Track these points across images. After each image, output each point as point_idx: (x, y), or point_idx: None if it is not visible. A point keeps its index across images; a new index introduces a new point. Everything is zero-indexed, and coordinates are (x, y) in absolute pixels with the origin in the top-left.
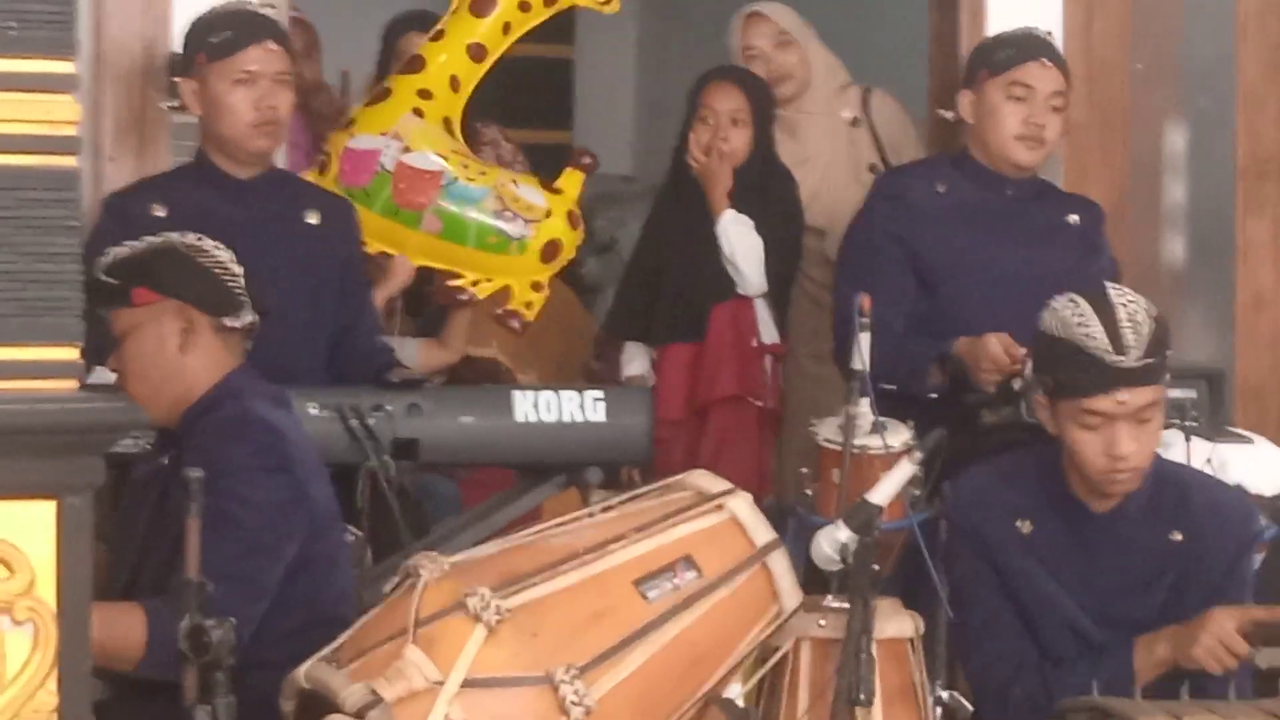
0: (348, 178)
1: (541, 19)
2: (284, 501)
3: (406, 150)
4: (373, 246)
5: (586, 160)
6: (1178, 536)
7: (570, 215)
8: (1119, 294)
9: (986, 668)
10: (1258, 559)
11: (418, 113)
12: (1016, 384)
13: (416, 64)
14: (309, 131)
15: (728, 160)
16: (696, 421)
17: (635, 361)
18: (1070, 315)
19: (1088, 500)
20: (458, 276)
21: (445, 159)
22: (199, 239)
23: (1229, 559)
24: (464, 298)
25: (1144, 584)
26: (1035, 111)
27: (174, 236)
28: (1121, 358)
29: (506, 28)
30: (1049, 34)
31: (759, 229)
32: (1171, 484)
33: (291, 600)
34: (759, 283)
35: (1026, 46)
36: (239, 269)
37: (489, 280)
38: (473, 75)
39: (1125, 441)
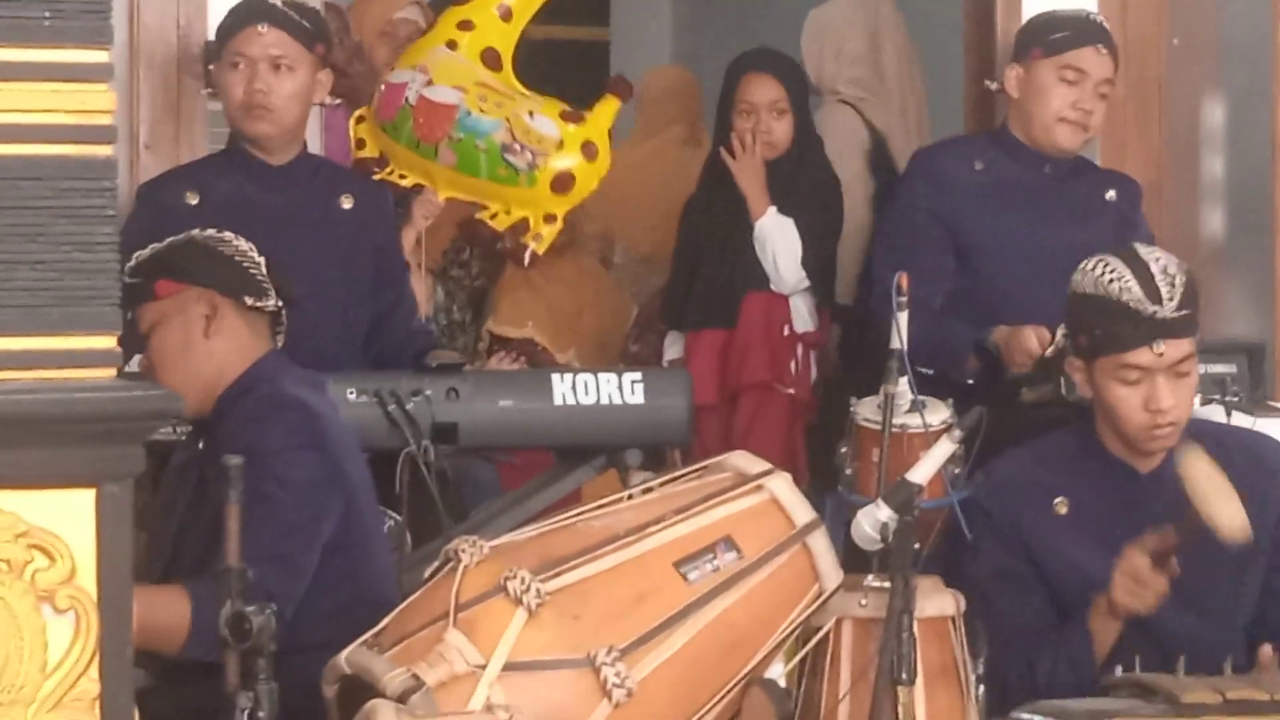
0: (380, 113)
1: None
2: (320, 480)
3: (429, 84)
4: (409, 179)
5: (624, 87)
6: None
7: (586, 146)
8: (1148, 251)
9: (998, 653)
10: None
11: (451, 45)
12: (1049, 351)
13: None
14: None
15: (760, 156)
16: (728, 407)
17: (675, 346)
18: (1103, 272)
19: (1131, 461)
20: (483, 208)
21: (465, 90)
22: (218, 231)
23: (1276, 505)
24: (527, 256)
25: (1195, 543)
26: (1084, 97)
27: (194, 231)
28: (1159, 308)
29: None
30: (1103, 20)
31: (799, 215)
32: (1206, 436)
33: (330, 580)
34: (794, 283)
35: (1084, 31)
36: (259, 258)
37: (508, 213)
38: (528, 5)
39: (1165, 395)
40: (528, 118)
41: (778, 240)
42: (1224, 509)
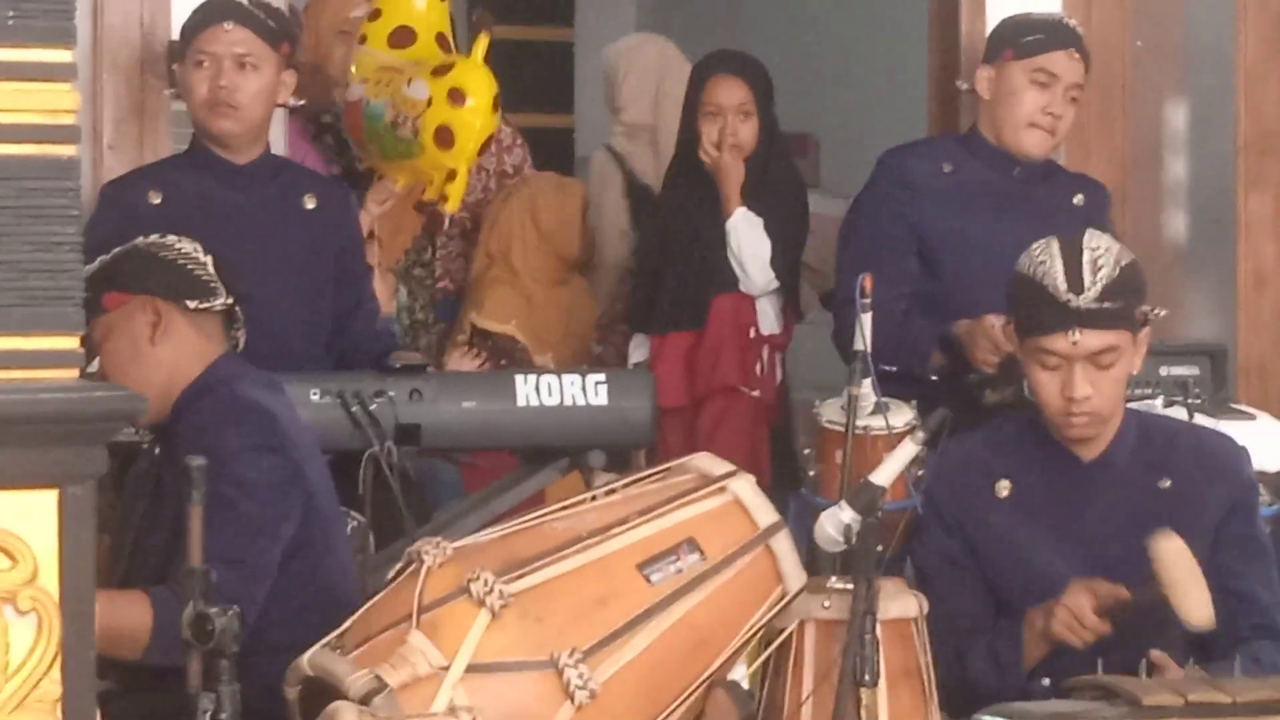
0: (352, 134)
1: None
2: (279, 481)
3: (347, 86)
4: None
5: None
6: (1166, 483)
7: (452, 93)
8: (1091, 238)
9: (938, 644)
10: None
11: (362, 40)
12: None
13: None
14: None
15: (739, 153)
16: (692, 409)
17: (640, 349)
18: (1039, 255)
19: (1073, 448)
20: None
21: (366, 80)
22: (161, 236)
23: (1222, 503)
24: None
25: (1135, 532)
26: (1054, 101)
27: (138, 240)
28: (1073, 296)
29: None
30: (1077, 24)
31: (767, 216)
32: (1159, 432)
33: (292, 581)
34: (763, 284)
35: (1057, 34)
36: (205, 257)
37: (431, 183)
38: None
39: (1080, 384)
40: (406, 88)
41: (746, 239)
42: (1192, 598)
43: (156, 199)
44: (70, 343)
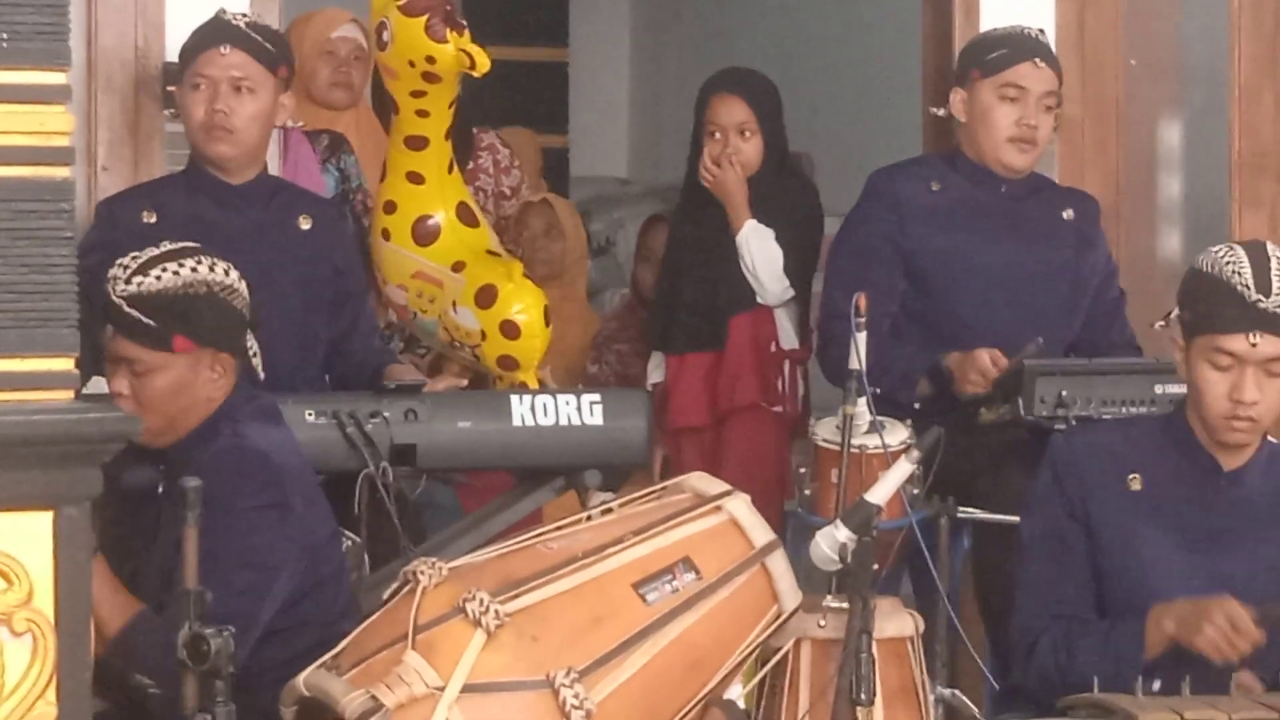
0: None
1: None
2: (280, 539)
3: (385, 282)
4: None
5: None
6: None
7: (505, 327)
8: (1275, 248)
9: (1030, 619)
10: None
11: (385, 235)
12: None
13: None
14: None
15: (740, 170)
16: (713, 428)
17: (658, 370)
18: (1223, 255)
19: (1216, 454)
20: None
21: (406, 289)
22: (226, 271)
23: None
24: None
25: (1261, 550)
26: (1028, 113)
27: (203, 270)
28: (1262, 297)
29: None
30: (1041, 31)
31: (779, 233)
32: None
33: (296, 624)
34: (779, 293)
35: (1019, 46)
36: (247, 289)
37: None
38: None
39: (1250, 388)
40: (453, 312)
41: (757, 250)
42: None
43: (151, 218)
44: (65, 364)
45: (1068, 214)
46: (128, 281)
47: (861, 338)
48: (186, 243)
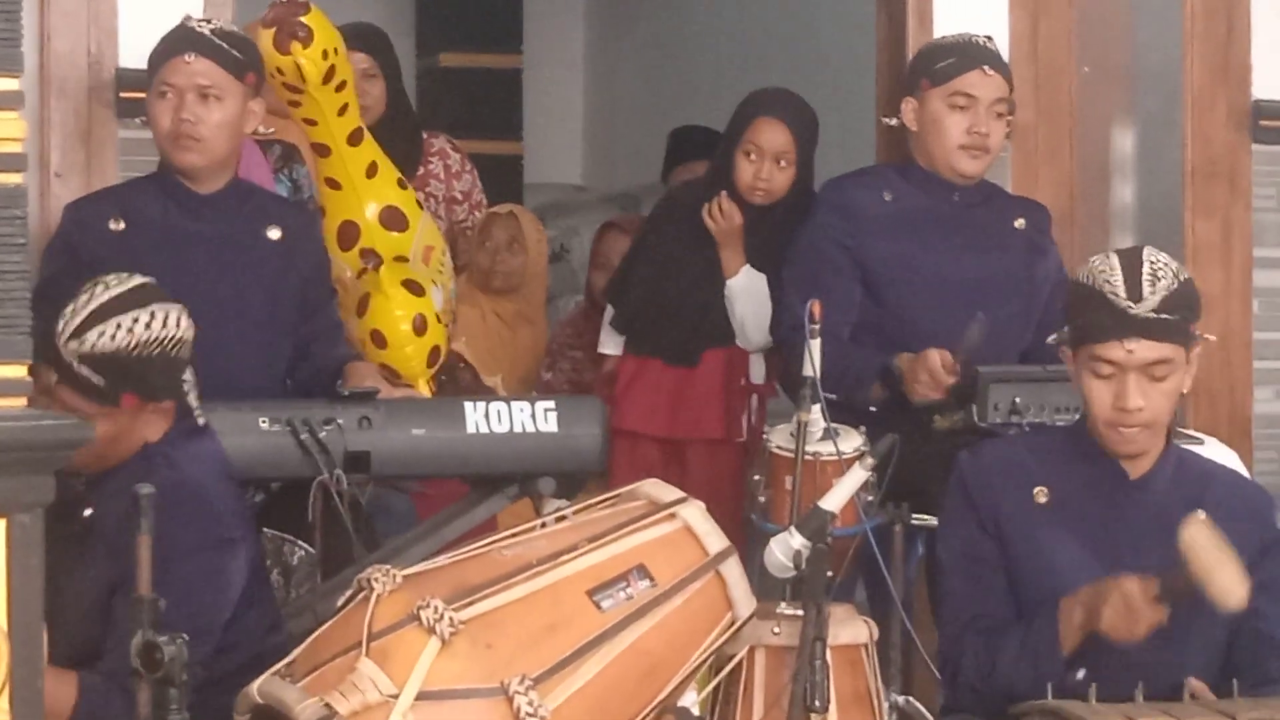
0: None
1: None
2: (219, 576)
3: None
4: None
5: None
6: (1201, 516)
7: (374, 334)
8: (1151, 253)
9: (950, 643)
10: None
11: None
12: (955, 376)
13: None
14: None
15: (740, 220)
16: (672, 447)
17: (613, 341)
18: (1099, 265)
19: (1121, 463)
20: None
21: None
22: (178, 321)
23: (1253, 544)
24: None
25: (1167, 556)
26: (978, 120)
27: (155, 327)
28: (1132, 304)
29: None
30: (989, 39)
31: (772, 267)
32: (1194, 465)
33: (226, 645)
34: (760, 344)
35: (967, 55)
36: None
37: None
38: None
39: (1133, 394)
40: (349, 321)
41: (748, 303)
42: (1225, 579)
43: (119, 226)
44: (18, 371)
45: (1019, 223)
46: (78, 337)
47: (815, 345)
48: (136, 281)
